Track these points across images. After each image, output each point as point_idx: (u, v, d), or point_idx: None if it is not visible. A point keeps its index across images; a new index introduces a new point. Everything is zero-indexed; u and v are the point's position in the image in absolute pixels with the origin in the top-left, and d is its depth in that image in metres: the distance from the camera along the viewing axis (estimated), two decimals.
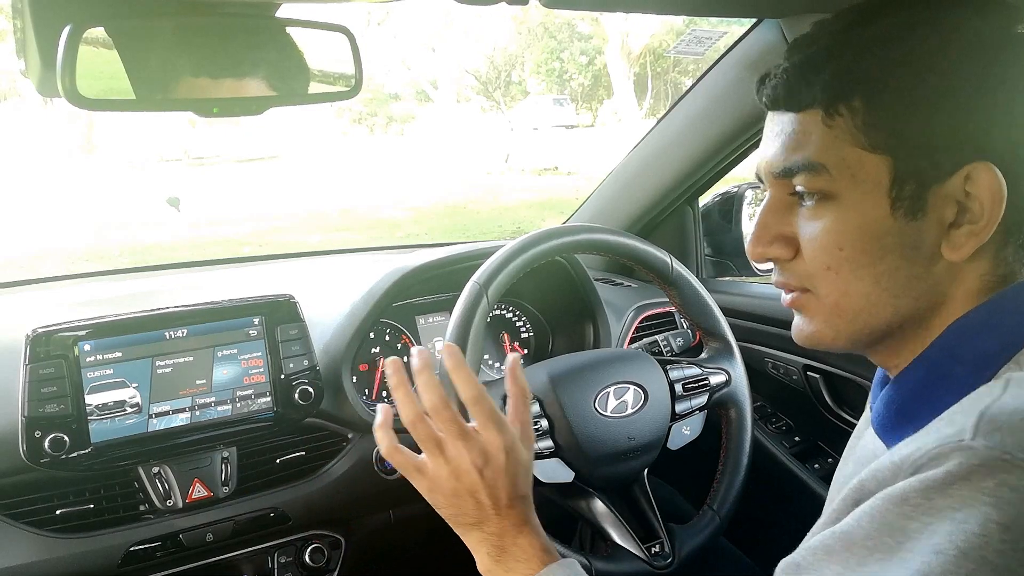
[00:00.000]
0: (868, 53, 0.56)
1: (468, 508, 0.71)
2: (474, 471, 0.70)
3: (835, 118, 0.57)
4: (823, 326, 0.61)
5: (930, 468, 0.48)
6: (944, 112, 0.55)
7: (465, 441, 0.70)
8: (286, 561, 1.17)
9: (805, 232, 0.60)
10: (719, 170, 1.46)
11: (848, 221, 0.57)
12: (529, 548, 0.71)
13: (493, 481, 0.70)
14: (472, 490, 0.70)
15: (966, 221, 0.55)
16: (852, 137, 0.56)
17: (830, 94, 0.57)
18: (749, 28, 1.23)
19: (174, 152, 15.67)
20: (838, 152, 0.57)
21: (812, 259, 0.60)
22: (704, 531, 1.10)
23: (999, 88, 0.55)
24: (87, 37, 0.68)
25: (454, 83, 22.00)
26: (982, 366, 0.55)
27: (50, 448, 0.96)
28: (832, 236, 0.58)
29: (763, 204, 0.63)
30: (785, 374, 1.44)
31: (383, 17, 18.38)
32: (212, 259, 1.93)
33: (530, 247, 1.08)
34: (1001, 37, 0.56)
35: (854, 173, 0.57)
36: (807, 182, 0.58)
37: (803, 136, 0.58)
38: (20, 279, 1.58)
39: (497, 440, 0.71)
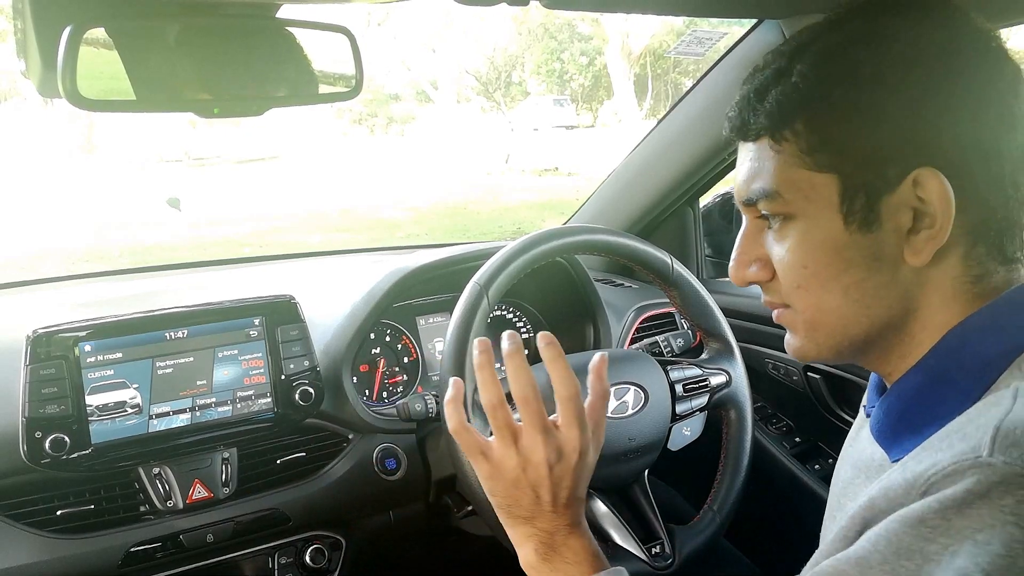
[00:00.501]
0: (808, 74, 0.57)
1: (525, 501, 0.70)
2: (544, 466, 0.69)
3: (781, 143, 0.58)
4: (805, 340, 0.63)
5: (946, 486, 0.47)
6: (885, 123, 0.55)
7: (545, 435, 0.69)
8: (286, 562, 1.17)
9: (774, 254, 0.62)
10: (719, 171, 1.46)
11: (808, 239, 0.59)
12: (581, 551, 0.70)
13: (559, 479, 0.70)
14: (536, 484, 0.69)
15: (924, 226, 0.56)
16: (799, 160, 0.58)
17: (774, 121, 0.59)
18: (749, 29, 1.23)
19: (174, 153, 15.67)
20: (788, 176, 0.59)
21: (783, 278, 0.62)
22: (704, 532, 1.10)
23: (941, 94, 0.55)
24: (88, 38, 0.68)
25: (454, 84, 22.00)
26: (982, 372, 0.55)
27: (51, 449, 0.96)
28: (796, 255, 0.60)
29: (740, 231, 0.65)
30: (785, 375, 1.44)
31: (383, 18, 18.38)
32: (212, 260, 1.93)
33: (531, 248, 1.08)
34: (943, 42, 0.56)
35: (805, 194, 0.58)
36: (767, 207, 0.60)
37: (759, 164, 0.60)
38: (21, 279, 1.58)
39: (576, 440, 0.70)
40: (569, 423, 0.70)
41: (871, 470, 0.64)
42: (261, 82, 0.80)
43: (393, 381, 1.36)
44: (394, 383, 1.36)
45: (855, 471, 0.68)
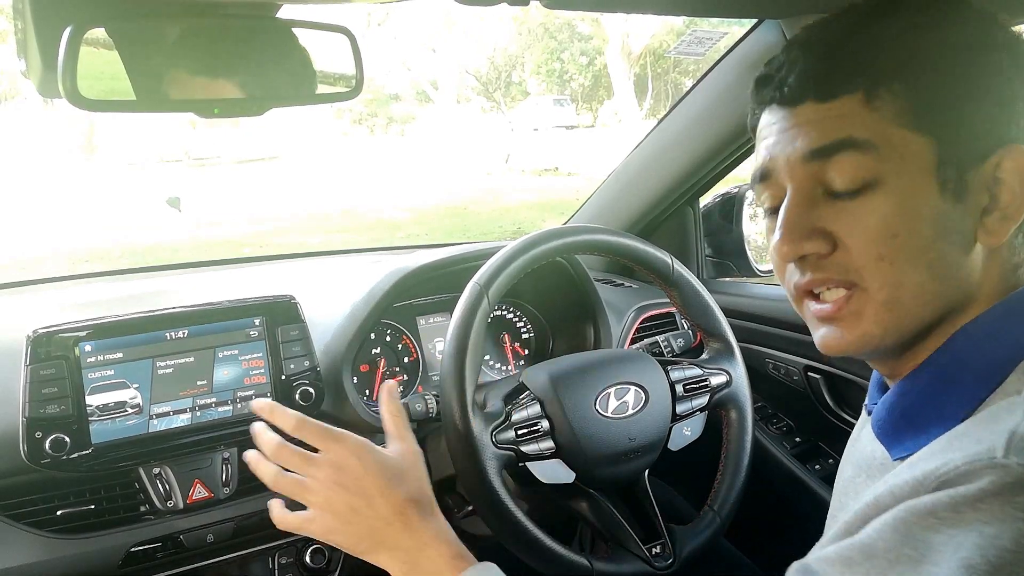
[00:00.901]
0: (902, 41, 0.56)
1: (359, 528, 0.71)
2: (336, 487, 0.71)
3: (876, 101, 0.56)
4: (873, 327, 0.57)
5: (960, 484, 0.47)
6: (978, 98, 0.55)
7: (312, 465, 0.72)
8: (287, 562, 1.17)
9: (847, 222, 0.56)
10: (720, 170, 1.46)
11: (900, 204, 0.55)
12: (438, 559, 0.71)
13: (359, 489, 0.71)
14: (348, 507, 0.71)
15: (995, 207, 0.56)
16: (898, 117, 0.55)
17: (871, 78, 0.56)
18: (750, 29, 1.23)
19: (175, 153, 15.68)
20: (884, 131, 0.55)
21: (861, 251, 0.56)
22: (705, 532, 1.10)
23: (1014, 78, 0.56)
24: (88, 38, 0.68)
25: (454, 84, 22.01)
26: (989, 374, 0.55)
27: (51, 449, 0.96)
28: (885, 222, 0.55)
29: (788, 200, 0.59)
30: (786, 375, 1.44)
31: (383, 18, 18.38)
32: (213, 260, 1.93)
33: (531, 248, 1.08)
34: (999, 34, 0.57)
35: (901, 154, 0.55)
36: (850, 164, 0.56)
37: (841, 120, 0.56)
38: (21, 280, 1.58)
39: (338, 449, 0.72)
40: (317, 442, 0.74)
41: (872, 468, 0.64)
42: (261, 82, 0.80)
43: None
44: None
45: (856, 470, 0.68)
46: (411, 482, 0.74)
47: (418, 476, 0.75)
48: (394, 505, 0.71)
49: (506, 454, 0.99)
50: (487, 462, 0.97)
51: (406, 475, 0.74)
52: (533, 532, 0.97)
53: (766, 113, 0.62)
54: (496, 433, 0.99)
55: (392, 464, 0.74)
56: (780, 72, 0.60)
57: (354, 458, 0.72)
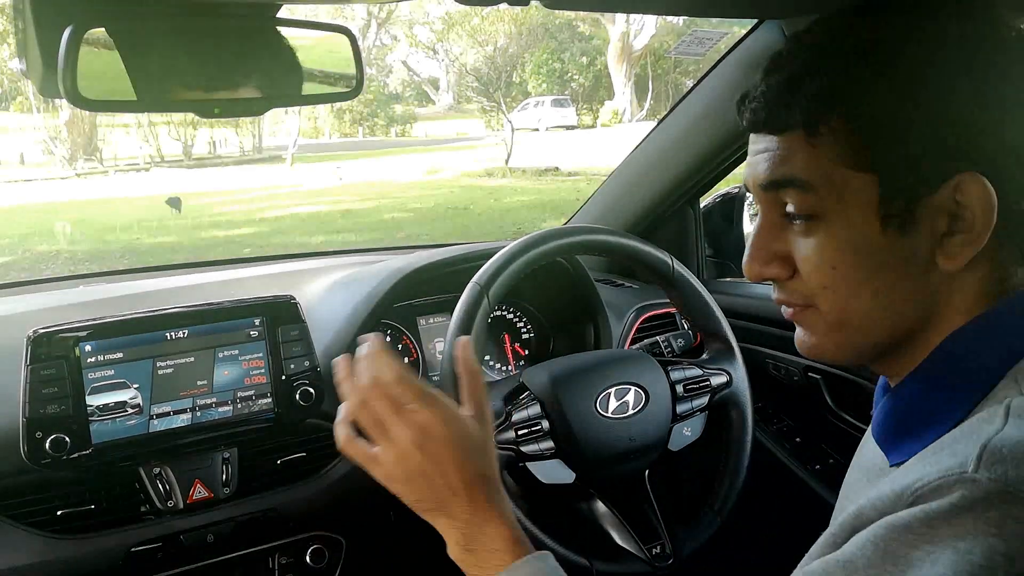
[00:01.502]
0: (846, 70, 0.55)
1: (424, 491, 0.70)
2: (414, 449, 0.69)
3: (817, 138, 0.56)
4: (825, 340, 0.61)
5: (932, 499, 0.47)
6: (927, 124, 0.53)
7: (401, 416, 0.70)
8: (287, 562, 1.17)
9: (799, 251, 0.59)
10: (720, 171, 1.46)
11: (839, 240, 0.57)
12: (499, 538, 0.69)
13: (437, 457, 0.69)
14: (421, 470, 0.69)
15: (959, 230, 0.54)
16: (836, 156, 0.55)
17: (809, 116, 0.56)
18: (750, 29, 1.23)
19: (175, 153, 15.69)
20: (824, 170, 0.56)
21: (808, 278, 0.59)
22: (705, 532, 1.10)
23: (983, 94, 0.53)
24: (88, 38, 0.68)
25: (454, 84, 22.01)
26: (981, 379, 0.54)
27: (51, 449, 0.96)
28: (824, 255, 0.57)
29: (755, 224, 0.63)
30: (786, 375, 1.44)
31: (384, 18, 18.39)
32: (213, 260, 1.93)
33: (531, 248, 1.08)
34: (985, 42, 0.54)
35: (840, 192, 0.56)
36: (795, 200, 0.58)
37: (787, 155, 0.58)
38: (22, 280, 1.58)
39: (429, 414, 0.70)
40: (414, 398, 0.71)
41: (872, 473, 0.64)
42: (261, 82, 0.80)
43: None
44: None
45: (860, 473, 0.68)
46: (485, 457, 0.72)
47: (491, 452, 0.74)
48: (464, 478, 0.70)
49: (506, 454, 1.00)
50: None
51: (482, 450, 0.72)
52: (533, 532, 0.97)
53: None
54: (496, 433, 1.00)
55: (473, 437, 0.72)
56: (751, 94, 0.60)
57: (441, 425, 0.70)
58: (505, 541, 0.69)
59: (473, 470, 0.70)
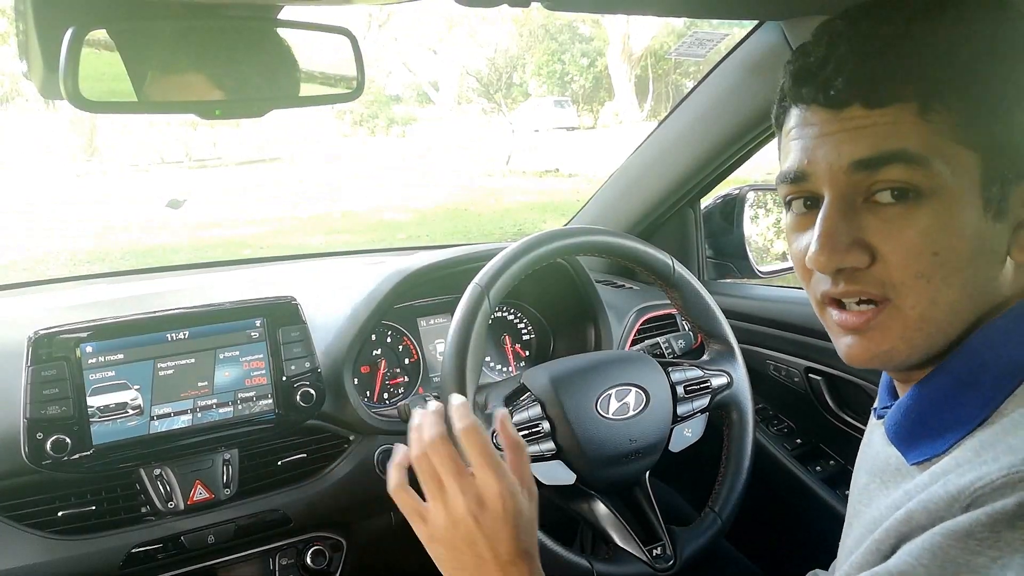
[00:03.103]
0: (956, 50, 0.54)
1: (467, 561, 0.67)
2: (470, 518, 0.66)
3: (930, 113, 0.53)
4: (900, 343, 0.56)
5: (995, 499, 0.46)
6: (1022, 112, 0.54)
7: (460, 480, 0.67)
8: (287, 563, 1.17)
9: (888, 235, 0.54)
10: (721, 172, 1.46)
11: (944, 222, 0.53)
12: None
13: (492, 531, 0.67)
14: (470, 540, 0.67)
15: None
16: (951, 131, 0.53)
17: (927, 89, 0.53)
18: (751, 30, 1.23)
19: (175, 154, 15.69)
20: (939, 146, 0.53)
21: (900, 266, 0.54)
22: (706, 533, 1.10)
23: None
24: (89, 39, 0.68)
25: (455, 85, 22.01)
26: (1008, 376, 0.54)
27: (52, 450, 0.96)
28: (927, 239, 0.53)
29: (826, 208, 0.57)
30: (787, 376, 1.44)
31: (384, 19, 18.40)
32: (214, 261, 1.93)
33: (532, 249, 1.08)
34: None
35: (952, 169, 0.53)
36: (900, 175, 0.53)
37: (893, 128, 0.54)
38: (23, 281, 1.58)
39: (494, 484, 0.67)
40: (480, 464, 0.68)
41: (886, 473, 0.63)
42: (262, 84, 0.80)
43: (394, 382, 1.36)
44: (395, 384, 1.36)
45: (870, 476, 0.67)
46: (532, 534, 0.70)
47: (535, 526, 0.71)
48: (512, 555, 0.67)
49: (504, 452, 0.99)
50: None
51: (531, 527, 0.70)
52: None
53: (803, 110, 0.58)
54: (496, 435, 0.99)
55: (526, 514, 0.69)
56: (824, 70, 0.56)
57: (500, 501, 0.67)
58: None
59: (521, 547, 0.68)
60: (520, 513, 0.68)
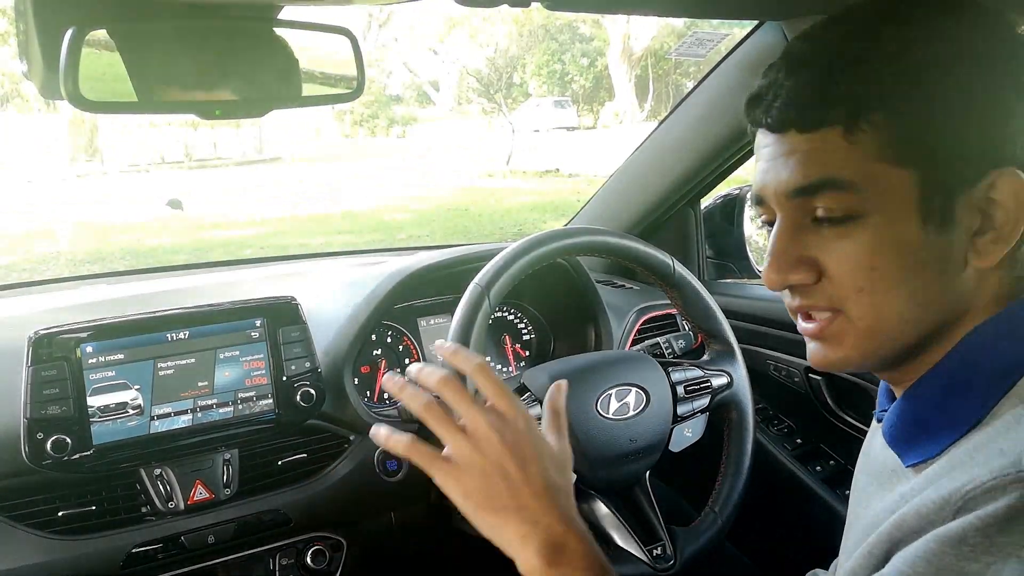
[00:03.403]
0: (884, 65, 0.54)
1: (500, 486, 0.62)
2: (494, 435, 0.63)
3: (857, 134, 0.54)
4: (852, 351, 0.59)
5: (986, 503, 0.46)
6: (964, 120, 0.53)
7: (478, 406, 0.65)
8: (287, 563, 1.17)
9: (831, 253, 0.57)
10: (721, 172, 1.46)
11: (880, 239, 0.55)
12: (586, 556, 0.61)
13: (517, 448, 0.63)
14: (499, 461, 0.63)
15: (990, 228, 0.54)
16: (877, 152, 0.54)
17: (850, 110, 0.54)
18: (751, 30, 1.23)
19: (176, 154, 15.69)
20: (863, 168, 0.54)
21: (842, 281, 0.57)
22: (706, 533, 1.10)
23: (1014, 92, 0.54)
24: (90, 39, 0.68)
25: (455, 85, 22.03)
26: (1000, 377, 0.54)
27: (52, 450, 0.96)
28: (863, 256, 0.55)
29: (776, 228, 0.60)
30: (787, 376, 1.44)
31: (385, 19, 18.41)
32: (214, 261, 1.93)
33: (532, 249, 1.08)
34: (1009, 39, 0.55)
35: (882, 189, 0.54)
36: (832, 201, 0.56)
37: (822, 154, 0.56)
38: (23, 281, 1.59)
39: (510, 405, 0.65)
40: (497, 394, 0.66)
41: (883, 476, 0.63)
42: (262, 84, 0.80)
43: None
44: None
45: (868, 478, 0.67)
46: (564, 473, 0.67)
47: (570, 475, 0.68)
48: (544, 481, 0.63)
49: None
50: None
51: (562, 465, 0.67)
52: None
53: (757, 132, 0.61)
54: None
55: (552, 448, 0.68)
56: (768, 93, 0.58)
57: (522, 420, 0.65)
58: (591, 560, 0.62)
59: (554, 475, 0.65)
60: (545, 443, 0.67)
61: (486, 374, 0.67)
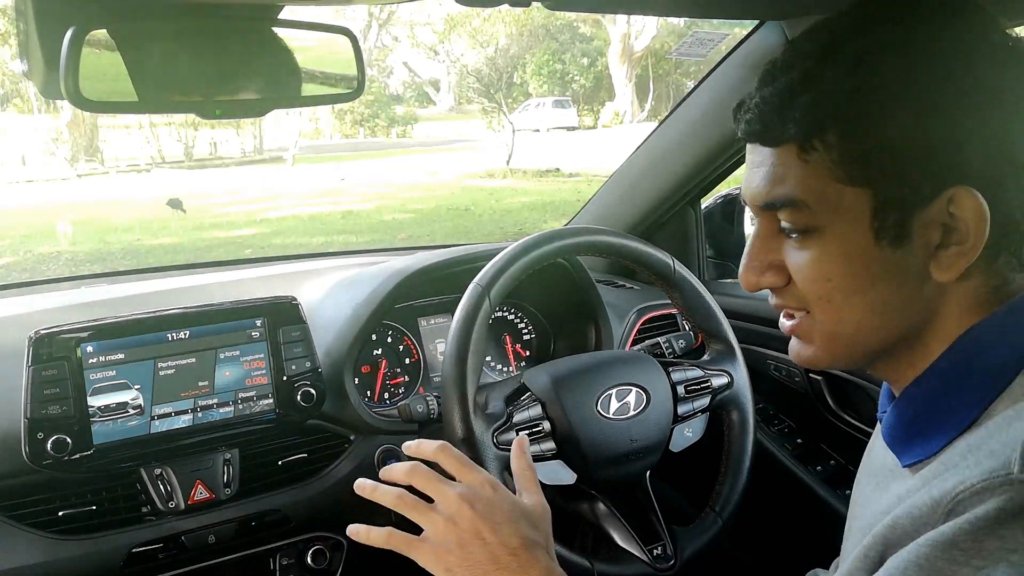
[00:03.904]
0: (838, 83, 0.54)
1: (478, 552, 0.67)
2: (465, 506, 0.69)
3: (810, 152, 0.56)
4: (820, 351, 0.62)
5: (975, 505, 0.46)
6: (921, 137, 0.53)
7: (446, 484, 0.72)
8: (288, 563, 1.17)
9: (793, 263, 0.60)
10: (721, 172, 1.46)
11: (833, 253, 0.57)
12: None
13: (489, 514, 0.68)
14: (474, 529, 0.68)
15: (953, 242, 0.54)
16: (829, 171, 0.55)
17: (803, 129, 0.55)
18: (751, 30, 1.23)
19: (176, 154, 15.70)
20: (817, 187, 0.56)
21: (803, 289, 0.60)
22: (706, 533, 1.10)
23: (974, 106, 0.53)
24: (90, 39, 0.68)
25: (455, 85, 22.03)
26: (994, 378, 0.54)
27: (52, 450, 0.96)
28: (819, 268, 0.58)
29: (752, 233, 0.63)
30: (787, 376, 1.44)
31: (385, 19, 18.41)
32: (214, 261, 1.93)
33: (532, 249, 1.08)
34: (974, 49, 0.54)
35: (835, 207, 0.56)
36: (789, 218, 0.58)
37: (782, 171, 0.57)
38: (23, 281, 1.59)
39: (475, 477, 0.72)
40: (459, 471, 0.73)
41: (882, 475, 0.64)
42: (263, 83, 0.80)
43: (395, 382, 1.36)
44: (395, 384, 1.36)
45: (869, 478, 0.68)
46: (539, 528, 0.72)
47: (546, 528, 0.73)
48: (521, 539, 0.68)
49: (507, 455, 0.99)
50: (489, 463, 0.97)
51: (535, 521, 0.71)
52: None
53: None
54: (497, 434, 1.00)
55: (523, 505, 0.73)
56: (746, 104, 0.60)
57: (489, 487, 0.71)
58: None
59: (527, 533, 0.69)
60: (515, 502, 0.72)
61: (446, 453, 0.75)
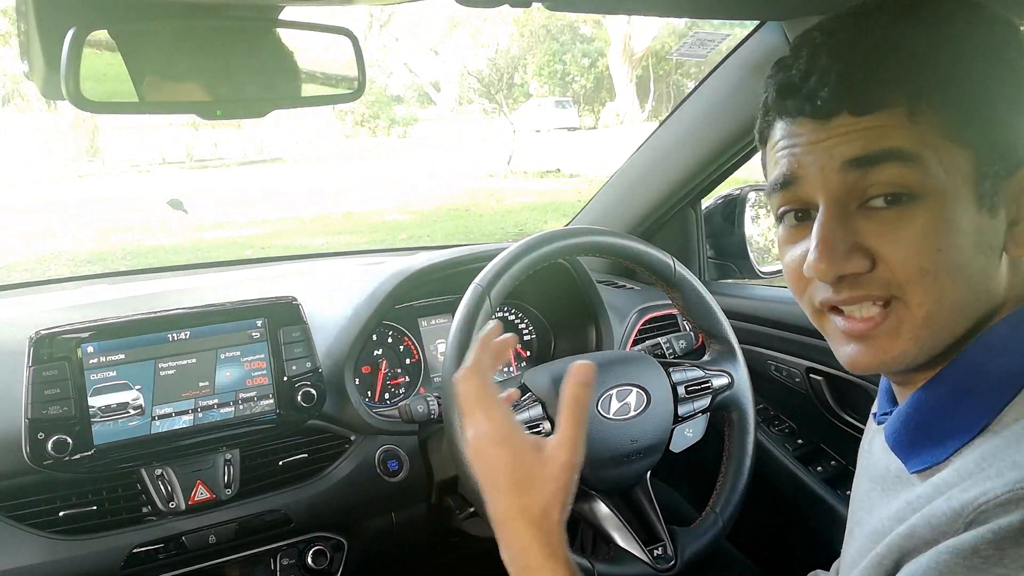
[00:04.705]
0: (940, 51, 0.54)
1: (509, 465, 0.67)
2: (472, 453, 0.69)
3: (918, 115, 0.53)
4: (910, 344, 0.56)
5: (999, 516, 0.46)
6: (1012, 109, 0.54)
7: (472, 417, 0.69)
8: (288, 563, 1.17)
9: (887, 236, 0.54)
10: (722, 172, 1.46)
11: (942, 219, 0.53)
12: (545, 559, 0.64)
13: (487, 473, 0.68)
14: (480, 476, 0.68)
15: (1022, 217, 0.55)
16: (941, 130, 0.53)
17: (914, 92, 0.53)
18: (752, 30, 1.23)
19: (177, 155, 15.69)
20: (931, 144, 0.53)
21: (904, 264, 0.54)
22: (707, 534, 1.10)
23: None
24: (91, 40, 0.68)
25: (456, 85, 22.03)
26: (1004, 384, 0.54)
27: (53, 450, 0.97)
28: (930, 236, 0.53)
29: (822, 215, 0.56)
30: (788, 377, 1.44)
31: (386, 20, 18.41)
32: (215, 261, 1.93)
33: (533, 249, 1.08)
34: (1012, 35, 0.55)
35: (945, 166, 0.53)
36: (894, 175, 0.53)
37: (883, 131, 0.54)
38: (24, 281, 1.59)
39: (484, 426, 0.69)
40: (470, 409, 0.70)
41: (887, 481, 0.63)
42: (263, 84, 0.80)
43: (395, 383, 1.36)
44: (396, 384, 1.36)
45: (871, 483, 0.67)
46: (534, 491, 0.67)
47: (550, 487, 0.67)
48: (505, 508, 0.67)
49: None
50: None
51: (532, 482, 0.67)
52: None
53: (788, 123, 0.59)
54: None
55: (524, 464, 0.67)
56: (808, 81, 0.56)
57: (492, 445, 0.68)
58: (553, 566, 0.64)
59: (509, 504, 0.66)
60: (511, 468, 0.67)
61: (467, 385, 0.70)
